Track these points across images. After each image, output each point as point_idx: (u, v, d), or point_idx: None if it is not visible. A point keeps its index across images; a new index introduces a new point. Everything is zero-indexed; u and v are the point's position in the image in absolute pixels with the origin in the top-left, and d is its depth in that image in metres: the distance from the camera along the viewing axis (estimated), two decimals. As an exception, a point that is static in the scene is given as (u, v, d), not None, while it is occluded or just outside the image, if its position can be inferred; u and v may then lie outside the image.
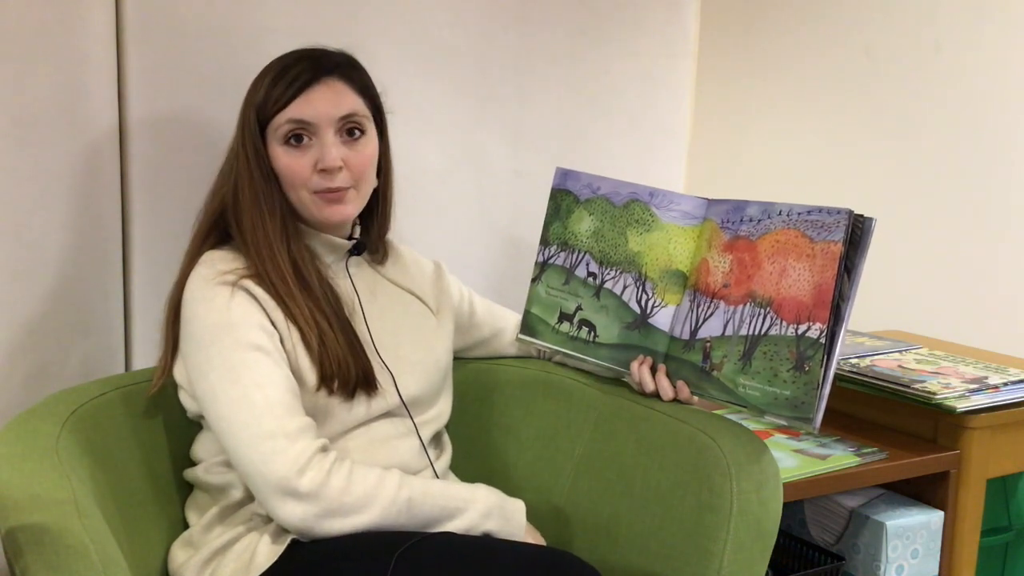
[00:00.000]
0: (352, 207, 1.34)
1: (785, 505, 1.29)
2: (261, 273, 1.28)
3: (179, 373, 1.32)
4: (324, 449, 1.20)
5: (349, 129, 1.32)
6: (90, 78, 1.49)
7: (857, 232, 1.21)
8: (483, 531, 1.24)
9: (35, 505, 1.07)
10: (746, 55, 2.25)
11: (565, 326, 1.48)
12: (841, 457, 1.56)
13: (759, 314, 1.27)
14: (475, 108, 1.89)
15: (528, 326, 1.53)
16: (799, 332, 1.23)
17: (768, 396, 1.25)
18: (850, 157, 2.12)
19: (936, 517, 1.61)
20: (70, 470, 1.16)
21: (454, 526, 1.23)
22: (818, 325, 1.21)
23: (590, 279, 1.47)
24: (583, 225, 1.48)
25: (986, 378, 1.69)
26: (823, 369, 1.20)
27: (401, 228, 1.50)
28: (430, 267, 1.53)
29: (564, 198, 1.51)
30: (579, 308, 1.47)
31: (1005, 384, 1.66)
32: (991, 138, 1.94)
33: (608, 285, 1.45)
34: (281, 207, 1.32)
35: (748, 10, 2.24)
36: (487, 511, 1.25)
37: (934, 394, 1.60)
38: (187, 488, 1.38)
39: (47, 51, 1.44)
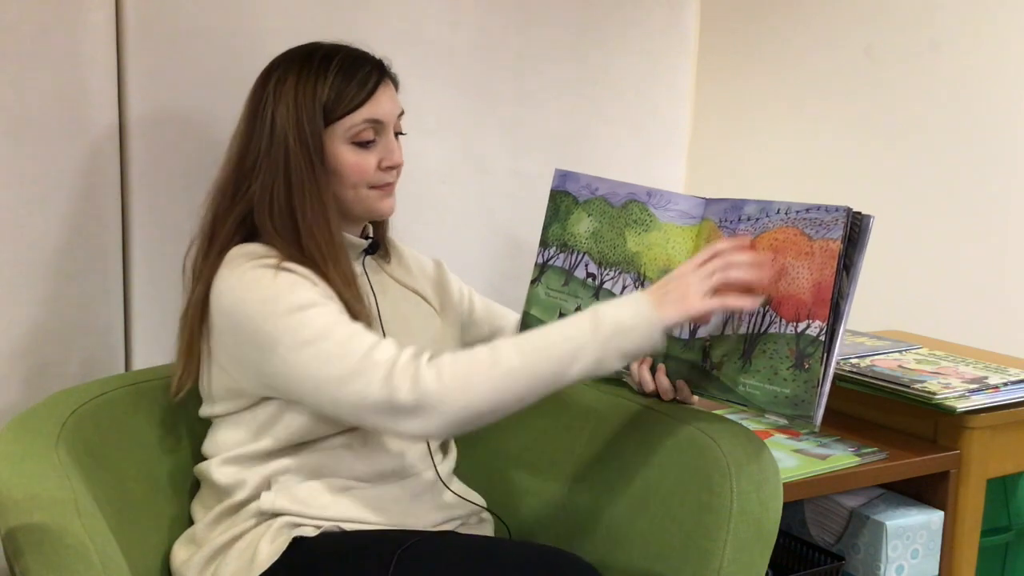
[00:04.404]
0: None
1: (785, 505, 1.29)
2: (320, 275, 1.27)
3: (212, 380, 1.30)
4: (407, 356, 1.17)
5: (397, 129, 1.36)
6: (90, 78, 1.49)
7: (855, 230, 1.21)
8: (621, 355, 1.18)
9: (35, 505, 1.07)
10: (746, 55, 2.25)
11: None
12: (841, 457, 1.56)
13: (758, 312, 1.27)
14: (475, 108, 1.89)
15: (527, 327, 1.52)
16: (798, 330, 1.23)
17: (768, 394, 1.25)
18: (850, 157, 2.12)
19: (936, 517, 1.61)
20: (70, 470, 1.17)
21: (580, 370, 1.17)
22: (818, 323, 1.21)
23: (589, 280, 1.47)
24: (582, 226, 1.48)
25: (986, 378, 1.69)
26: (823, 366, 1.20)
27: (401, 228, 1.50)
28: (431, 266, 1.53)
29: (563, 199, 1.51)
30: (578, 309, 1.47)
31: (1005, 384, 1.66)
32: (991, 138, 1.93)
33: (607, 285, 1.45)
34: (337, 206, 1.32)
35: (748, 10, 2.24)
36: (605, 338, 1.18)
37: (934, 394, 1.60)
38: (187, 488, 1.38)
39: (47, 51, 1.44)
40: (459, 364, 1.16)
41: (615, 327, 1.17)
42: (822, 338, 1.21)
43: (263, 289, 1.22)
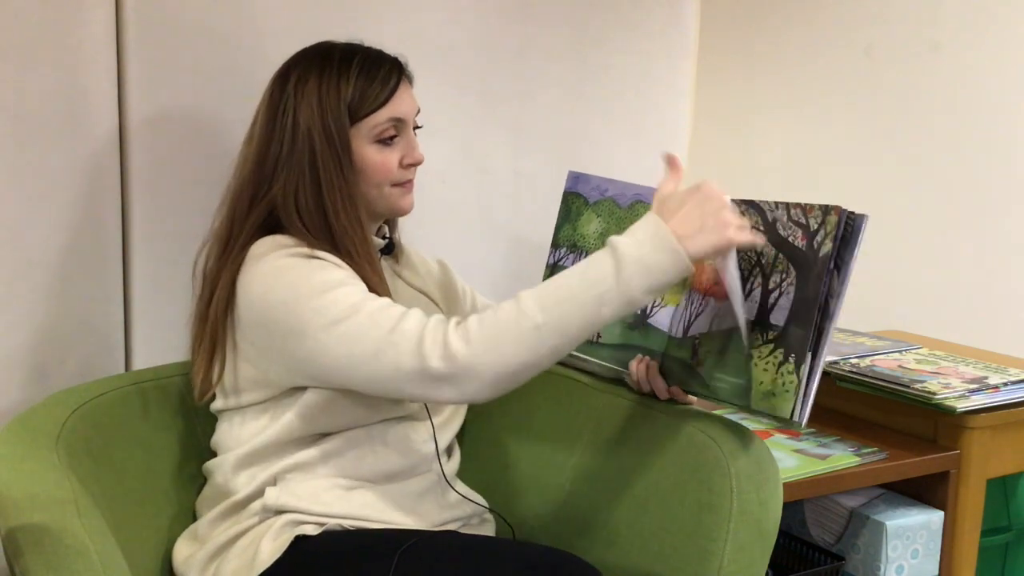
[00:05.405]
0: None
1: (785, 505, 1.29)
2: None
3: (237, 373, 1.30)
4: (434, 322, 1.17)
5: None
6: (90, 78, 1.49)
7: (848, 229, 1.21)
8: (649, 292, 1.14)
9: (35, 505, 1.07)
10: (746, 55, 2.25)
11: None
12: (841, 457, 1.56)
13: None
14: (475, 108, 1.89)
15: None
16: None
17: (733, 387, 1.26)
18: (850, 157, 2.12)
19: (936, 517, 1.61)
20: (70, 470, 1.17)
21: (609, 313, 1.14)
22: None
23: (594, 279, 1.47)
24: (591, 227, 1.49)
25: (986, 378, 1.69)
26: (789, 361, 1.21)
27: (402, 228, 1.50)
28: (435, 267, 1.53)
29: (575, 201, 1.52)
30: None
31: (1005, 384, 1.66)
32: (991, 138, 1.93)
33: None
34: (363, 205, 1.32)
35: (748, 10, 2.24)
36: (628, 277, 1.13)
37: (934, 394, 1.60)
38: (187, 487, 1.38)
39: (47, 51, 1.44)
40: (485, 327, 1.14)
41: (640, 268, 1.13)
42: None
43: (292, 274, 1.22)
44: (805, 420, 1.21)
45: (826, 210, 1.22)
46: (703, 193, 1.17)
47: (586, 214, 1.50)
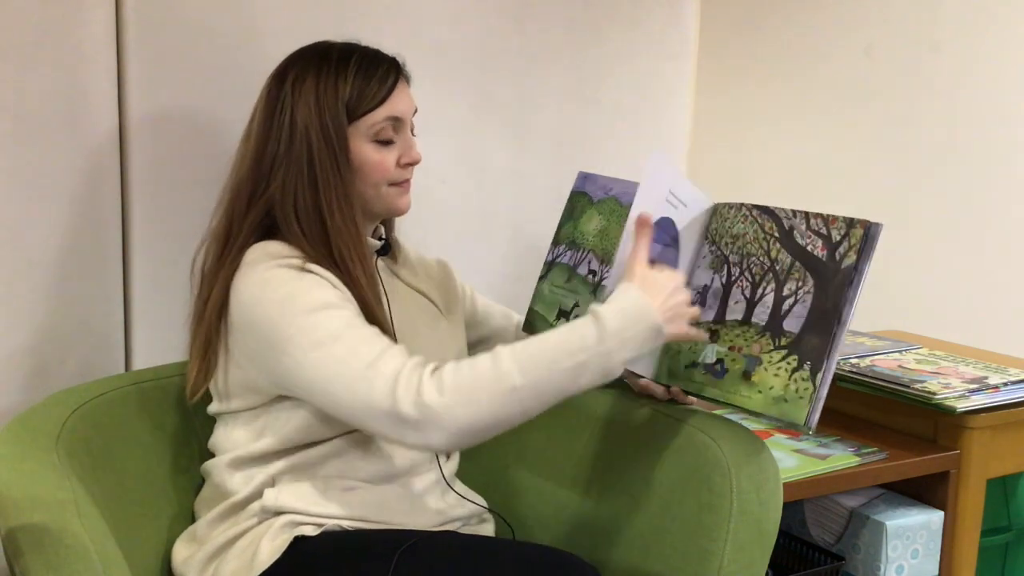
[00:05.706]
0: None
1: (785, 505, 1.29)
2: (345, 280, 1.26)
3: (228, 377, 1.30)
4: (411, 366, 1.16)
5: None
6: (90, 78, 1.49)
7: (866, 239, 1.21)
8: (623, 363, 1.17)
9: (35, 505, 1.07)
10: (746, 55, 2.25)
11: (561, 323, 1.48)
12: (841, 457, 1.56)
13: None
14: (475, 108, 1.89)
15: (530, 323, 1.53)
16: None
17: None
18: (850, 157, 2.12)
19: (936, 517, 1.61)
20: (70, 470, 1.17)
21: (587, 382, 1.16)
22: None
23: (590, 276, 1.47)
24: (592, 224, 1.49)
25: (986, 378, 1.69)
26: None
27: (402, 228, 1.50)
28: (435, 266, 1.53)
29: (579, 200, 1.53)
30: (576, 305, 1.47)
31: (1005, 384, 1.66)
32: (991, 138, 1.93)
33: (606, 282, 1.45)
34: (359, 204, 1.32)
35: (748, 11, 2.24)
36: (609, 350, 1.16)
37: (934, 394, 1.60)
38: (187, 487, 1.38)
39: (47, 51, 1.44)
40: (462, 379, 1.13)
41: (621, 341, 1.16)
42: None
43: (283, 288, 1.22)
44: (815, 424, 1.21)
45: (851, 223, 1.21)
46: (677, 284, 1.23)
47: (588, 212, 1.50)
